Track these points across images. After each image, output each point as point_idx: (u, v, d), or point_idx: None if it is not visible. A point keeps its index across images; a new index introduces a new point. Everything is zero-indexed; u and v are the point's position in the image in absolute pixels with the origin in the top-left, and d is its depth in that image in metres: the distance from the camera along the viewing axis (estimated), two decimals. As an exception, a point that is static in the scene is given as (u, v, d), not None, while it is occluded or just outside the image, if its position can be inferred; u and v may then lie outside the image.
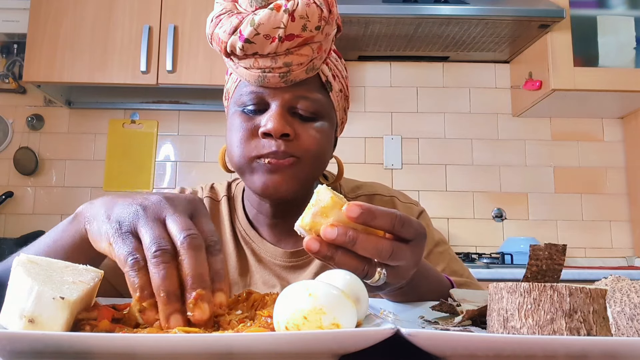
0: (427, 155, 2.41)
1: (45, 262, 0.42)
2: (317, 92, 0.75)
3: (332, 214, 0.47)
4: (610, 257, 2.32)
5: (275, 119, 0.70)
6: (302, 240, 0.48)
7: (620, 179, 2.39)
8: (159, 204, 0.46)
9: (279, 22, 0.66)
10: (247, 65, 0.70)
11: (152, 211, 0.45)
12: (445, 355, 0.38)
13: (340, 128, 0.84)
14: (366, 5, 1.99)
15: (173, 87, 2.12)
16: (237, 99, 0.76)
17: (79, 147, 2.41)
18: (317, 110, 0.74)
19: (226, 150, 0.79)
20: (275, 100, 0.73)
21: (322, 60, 0.73)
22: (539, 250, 0.46)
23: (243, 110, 0.75)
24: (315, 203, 0.47)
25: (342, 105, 0.81)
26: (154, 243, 0.42)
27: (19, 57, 2.38)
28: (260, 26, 0.66)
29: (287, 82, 0.71)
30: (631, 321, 0.44)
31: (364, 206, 0.46)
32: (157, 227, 0.44)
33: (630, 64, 2.10)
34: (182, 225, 0.44)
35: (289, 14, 0.66)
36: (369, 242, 0.47)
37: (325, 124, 0.76)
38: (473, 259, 2.09)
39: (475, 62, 2.46)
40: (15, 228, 2.32)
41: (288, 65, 0.69)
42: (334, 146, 0.84)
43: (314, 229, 0.47)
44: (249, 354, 0.36)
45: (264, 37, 0.66)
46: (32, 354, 0.35)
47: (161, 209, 0.46)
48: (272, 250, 0.82)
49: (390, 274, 0.50)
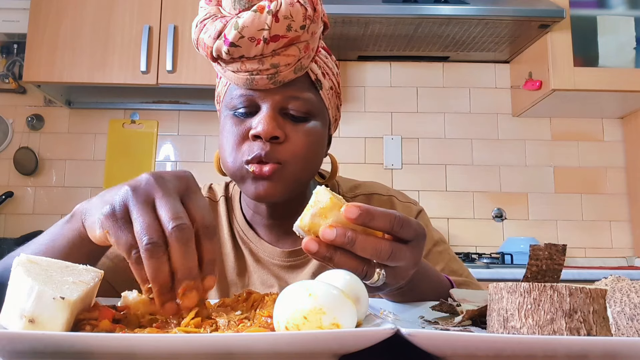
0: (427, 155, 2.41)
1: (46, 262, 0.42)
2: (307, 91, 0.74)
3: (330, 215, 0.47)
4: (610, 257, 2.31)
5: (266, 121, 0.70)
6: (300, 239, 0.48)
7: (620, 179, 2.39)
8: (148, 184, 0.46)
9: (263, 24, 0.65)
10: (235, 69, 0.70)
11: (142, 193, 0.45)
12: (445, 355, 0.38)
13: (334, 126, 0.84)
14: (366, 5, 1.99)
15: (173, 87, 2.12)
16: (227, 102, 0.75)
17: (79, 147, 2.41)
18: (308, 110, 0.74)
19: (219, 155, 0.78)
20: (266, 102, 0.72)
21: (310, 59, 0.73)
22: (539, 250, 0.46)
23: (234, 114, 0.74)
24: (314, 204, 0.47)
25: (334, 103, 0.80)
26: (144, 234, 0.43)
27: (19, 57, 2.38)
28: (245, 29, 0.65)
29: (276, 84, 0.71)
30: (631, 321, 0.44)
31: (362, 207, 0.46)
32: (146, 214, 0.44)
33: (630, 64, 2.10)
34: (170, 213, 0.44)
35: (273, 15, 0.65)
36: (367, 242, 0.47)
37: (318, 123, 0.76)
38: (473, 259, 2.09)
39: (475, 62, 2.46)
40: (15, 228, 2.32)
41: (275, 66, 0.69)
42: (329, 144, 0.84)
43: (313, 230, 0.47)
44: (249, 354, 0.36)
45: (249, 39, 0.66)
46: (32, 354, 0.35)
47: (151, 190, 0.46)
48: (269, 250, 0.82)
49: (390, 274, 0.50)
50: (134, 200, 0.45)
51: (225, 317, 0.43)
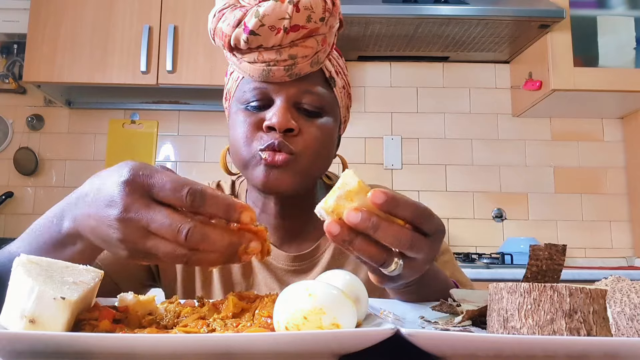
0: (427, 156, 2.41)
1: (46, 263, 0.42)
2: (322, 87, 0.74)
3: (356, 199, 0.46)
4: (610, 257, 2.31)
5: (281, 113, 0.70)
6: (305, 244, 0.47)
7: (620, 179, 2.39)
8: (126, 187, 0.42)
9: (284, 13, 0.66)
10: (251, 60, 0.70)
11: (135, 198, 0.42)
12: (445, 355, 0.38)
13: (343, 126, 0.84)
14: (366, 5, 1.99)
15: (173, 87, 2.12)
16: (239, 96, 0.75)
17: (79, 147, 2.41)
18: (322, 105, 0.74)
19: (229, 149, 0.78)
20: (280, 96, 0.72)
21: (326, 54, 0.73)
22: (539, 251, 0.46)
23: (246, 108, 0.74)
24: (341, 186, 0.46)
25: (345, 103, 0.81)
26: (173, 229, 0.40)
27: (19, 57, 2.38)
28: (265, 17, 0.66)
29: (292, 76, 0.71)
30: (631, 321, 0.44)
31: (389, 193, 0.46)
32: (156, 212, 0.41)
33: (630, 64, 2.10)
34: (170, 192, 0.42)
35: (294, 5, 0.66)
36: (390, 229, 0.46)
37: (330, 120, 0.76)
38: (473, 259, 2.09)
39: (475, 62, 2.45)
40: (15, 228, 2.32)
41: (293, 57, 0.69)
42: (338, 144, 0.84)
43: (337, 212, 0.46)
44: (249, 354, 0.36)
45: (269, 28, 0.66)
46: (32, 354, 0.35)
47: (141, 197, 0.42)
48: (275, 252, 0.81)
49: (407, 265, 0.50)
50: (140, 212, 0.41)
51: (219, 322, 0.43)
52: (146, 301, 0.44)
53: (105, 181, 0.45)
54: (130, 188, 0.42)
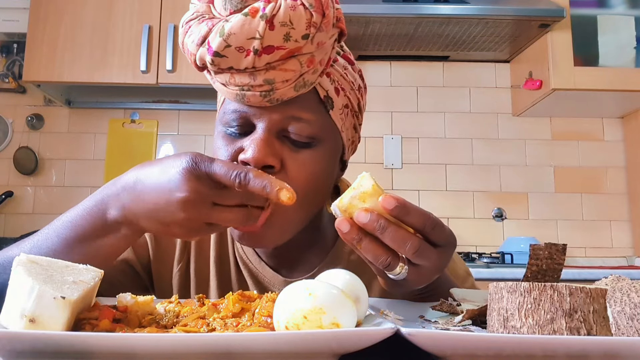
0: (427, 155, 2.41)
1: (46, 262, 0.42)
2: (313, 112, 0.61)
3: (369, 201, 0.48)
4: (610, 256, 2.31)
5: (258, 146, 0.58)
6: (305, 269, 0.49)
7: (621, 179, 2.39)
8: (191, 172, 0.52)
9: (254, 32, 0.54)
10: (224, 81, 0.59)
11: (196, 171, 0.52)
12: (445, 355, 0.38)
13: (350, 149, 0.71)
14: (366, 4, 1.99)
15: (173, 86, 2.12)
16: (221, 117, 0.64)
17: (79, 147, 2.41)
18: (313, 134, 0.61)
19: None
20: (261, 122, 0.60)
21: (317, 74, 0.60)
22: (539, 250, 0.46)
23: (226, 132, 0.63)
24: (357, 187, 0.49)
25: (349, 123, 0.67)
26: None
27: (19, 56, 2.37)
28: (231, 37, 0.54)
29: (272, 102, 0.59)
30: (631, 321, 0.44)
31: (400, 200, 0.47)
32: (222, 189, 0.52)
33: (630, 64, 2.10)
34: (225, 169, 0.52)
35: (267, 21, 0.54)
36: (397, 233, 0.47)
37: (324, 149, 0.63)
38: (473, 258, 2.08)
39: (475, 61, 2.45)
40: (15, 228, 2.32)
41: (270, 82, 0.57)
42: (344, 170, 0.73)
43: (349, 211, 0.49)
44: (249, 354, 0.36)
45: (237, 49, 0.54)
46: (32, 353, 0.35)
47: (196, 169, 0.52)
48: (270, 276, 0.73)
49: (413, 272, 0.50)
50: (201, 191, 0.51)
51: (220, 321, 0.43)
52: (144, 302, 0.45)
53: (165, 170, 0.53)
54: (194, 174, 0.52)
